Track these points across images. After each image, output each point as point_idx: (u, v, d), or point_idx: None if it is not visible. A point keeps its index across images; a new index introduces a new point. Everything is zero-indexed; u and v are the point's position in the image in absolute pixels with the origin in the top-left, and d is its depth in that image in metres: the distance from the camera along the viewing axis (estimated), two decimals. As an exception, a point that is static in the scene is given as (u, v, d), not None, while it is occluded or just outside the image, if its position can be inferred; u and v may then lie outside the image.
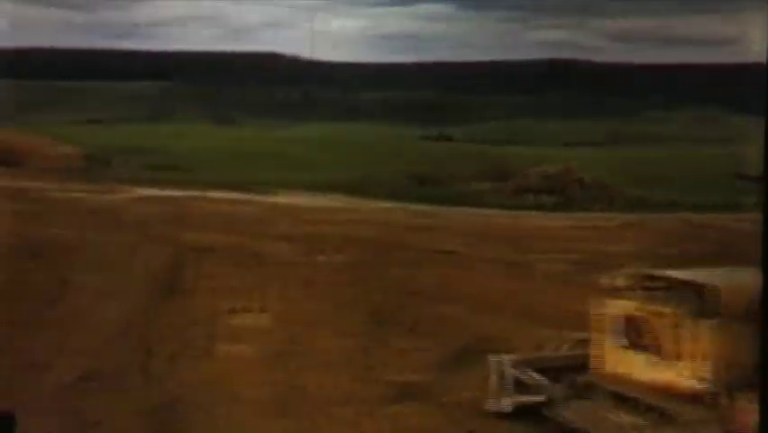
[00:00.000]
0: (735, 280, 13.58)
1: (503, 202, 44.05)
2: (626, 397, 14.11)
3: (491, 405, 14.92)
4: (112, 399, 15.90)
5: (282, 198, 41.46)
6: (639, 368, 14.24)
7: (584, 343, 15.28)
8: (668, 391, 13.78)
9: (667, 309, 13.92)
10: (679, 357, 13.68)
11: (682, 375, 13.61)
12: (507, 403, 14.76)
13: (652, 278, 14.83)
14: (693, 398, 13.43)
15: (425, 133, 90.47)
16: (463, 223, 35.82)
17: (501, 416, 14.78)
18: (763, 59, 6.28)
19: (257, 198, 40.89)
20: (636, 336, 14.34)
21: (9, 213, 32.16)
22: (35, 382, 16.55)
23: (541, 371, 15.04)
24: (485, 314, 20.89)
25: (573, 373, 14.99)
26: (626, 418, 13.85)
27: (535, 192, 45.66)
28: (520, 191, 46.53)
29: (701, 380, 13.37)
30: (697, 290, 13.87)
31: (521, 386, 14.89)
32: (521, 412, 14.72)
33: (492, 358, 15.25)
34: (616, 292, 14.78)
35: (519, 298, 22.49)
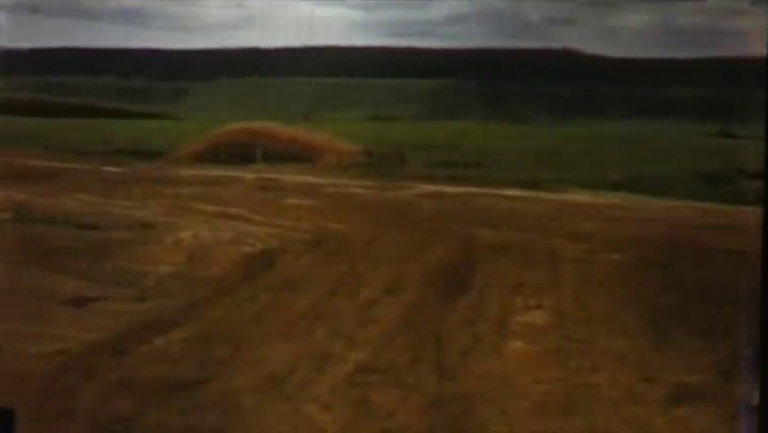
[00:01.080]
0: None
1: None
2: None
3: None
4: (398, 391, 16.37)
5: (569, 196, 41.28)
6: None
7: None
8: None
9: None
10: None
11: None
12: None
13: None
14: None
15: (707, 130, 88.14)
16: (755, 223, 34.62)
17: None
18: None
19: (546, 195, 40.82)
20: None
21: (306, 208, 33.43)
22: (316, 372, 17.24)
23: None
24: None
25: None
26: None
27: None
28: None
29: None
30: None
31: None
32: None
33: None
34: None
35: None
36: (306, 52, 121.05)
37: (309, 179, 41.38)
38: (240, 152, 48.98)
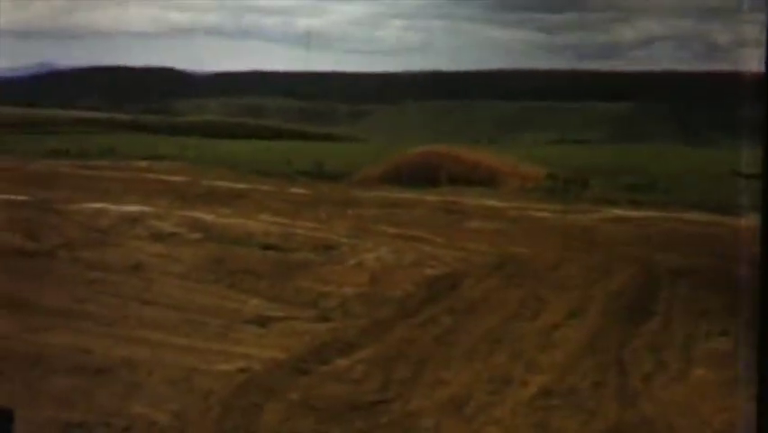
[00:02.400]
0: None
1: None
2: None
3: None
4: (579, 416, 16.10)
5: (752, 221, 39.97)
6: None
7: None
8: None
9: None
10: None
11: None
12: None
13: None
14: None
15: None
16: None
17: None
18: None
19: (729, 220, 39.72)
20: None
21: (489, 231, 33.31)
22: (497, 395, 17.08)
23: None
24: None
25: None
26: None
27: None
28: None
29: None
30: None
31: None
32: None
33: None
34: None
35: None
36: (489, 76, 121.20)
37: (492, 202, 41.23)
38: (423, 175, 49.18)
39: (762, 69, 7.99)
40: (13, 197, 37.94)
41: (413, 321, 21.97)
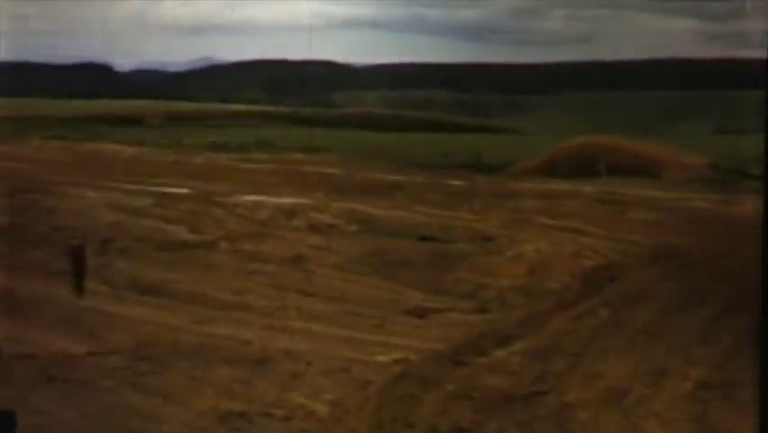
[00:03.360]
0: None
1: None
2: None
3: None
4: (737, 409, 15.73)
5: None
6: None
7: None
8: None
9: None
10: None
11: None
12: None
13: None
14: None
15: None
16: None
17: None
18: None
19: None
20: None
21: (648, 222, 32.75)
22: (655, 388, 16.80)
23: None
24: None
25: None
26: None
27: None
28: None
29: None
30: None
31: None
32: None
33: None
34: None
35: None
36: (651, 65, 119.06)
37: (651, 192, 40.48)
38: (581, 166, 48.57)
39: None
40: (177, 190, 38.90)
41: (570, 313, 21.74)
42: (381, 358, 19.41)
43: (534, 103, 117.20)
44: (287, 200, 35.88)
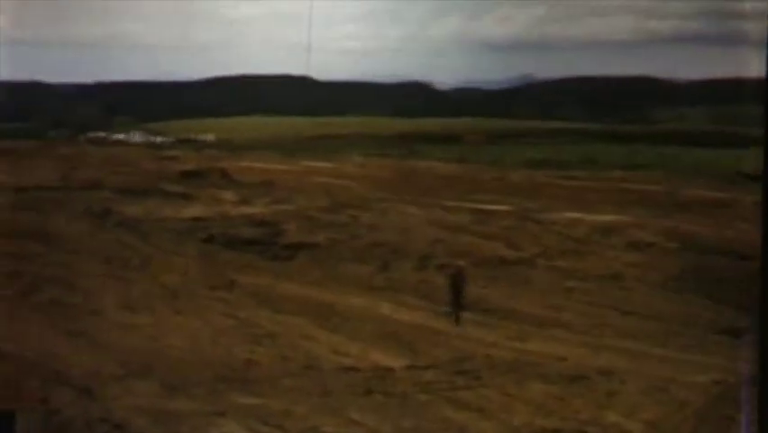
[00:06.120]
0: None
1: None
2: None
3: None
4: None
5: None
6: None
7: None
8: None
9: None
10: None
11: None
12: None
13: None
14: None
15: None
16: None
17: None
18: None
19: None
20: None
21: None
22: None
23: None
24: None
25: None
26: None
27: None
28: None
29: None
30: None
31: None
32: None
33: None
34: None
35: None
36: None
37: None
38: None
39: None
40: (495, 206, 39.24)
41: None
42: (700, 378, 18.93)
43: None
44: (605, 217, 35.53)
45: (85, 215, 39.28)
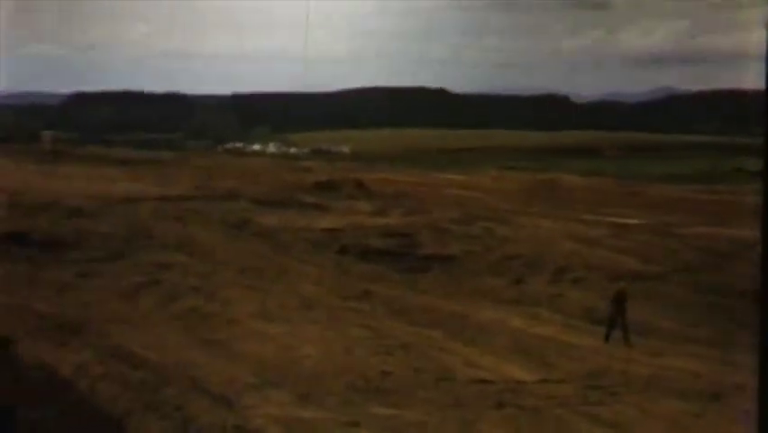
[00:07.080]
0: None
1: None
2: None
3: None
4: None
5: None
6: None
7: None
8: None
9: None
10: None
11: None
12: None
13: None
14: None
15: None
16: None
17: None
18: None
19: None
20: None
21: None
22: None
23: None
24: None
25: None
26: None
27: None
28: None
29: None
30: None
31: None
32: None
33: None
34: None
35: None
36: None
37: None
38: None
39: None
40: (631, 220, 38.80)
41: None
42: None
43: None
44: (742, 232, 34.82)
45: (222, 224, 39.99)
